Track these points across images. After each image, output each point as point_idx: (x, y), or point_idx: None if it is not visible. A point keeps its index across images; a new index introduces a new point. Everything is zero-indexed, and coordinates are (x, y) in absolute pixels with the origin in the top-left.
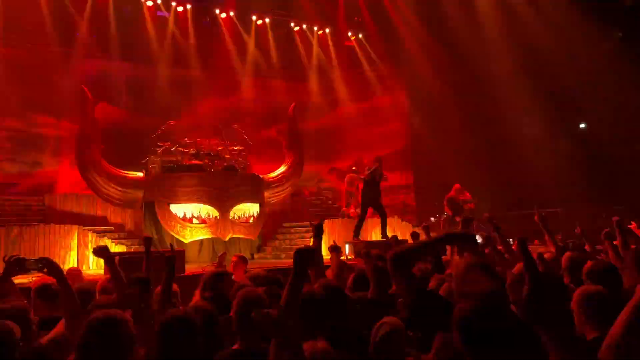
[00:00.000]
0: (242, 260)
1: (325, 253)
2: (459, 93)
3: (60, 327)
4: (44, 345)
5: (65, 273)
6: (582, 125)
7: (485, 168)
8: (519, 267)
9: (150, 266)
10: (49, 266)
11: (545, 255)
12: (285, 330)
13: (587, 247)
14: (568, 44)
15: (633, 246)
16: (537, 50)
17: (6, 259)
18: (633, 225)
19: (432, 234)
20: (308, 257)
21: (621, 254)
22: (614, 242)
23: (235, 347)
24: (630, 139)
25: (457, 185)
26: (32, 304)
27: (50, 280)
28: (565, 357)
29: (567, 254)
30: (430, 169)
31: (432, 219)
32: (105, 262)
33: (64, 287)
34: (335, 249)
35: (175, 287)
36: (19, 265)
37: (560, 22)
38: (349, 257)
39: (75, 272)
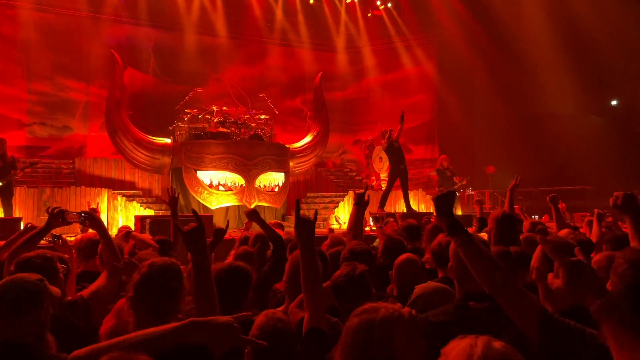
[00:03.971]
0: (279, 226)
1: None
2: (490, 66)
3: (101, 280)
4: (86, 297)
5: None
6: (613, 102)
7: (515, 143)
8: None
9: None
10: (92, 219)
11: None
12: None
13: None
14: (605, 18)
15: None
16: (572, 24)
17: (49, 210)
18: None
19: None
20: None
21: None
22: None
23: None
24: None
25: (444, 156)
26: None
27: (93, 235)
28: None
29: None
30: (457, 143)
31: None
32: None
33: (106, 241)
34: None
35: None
36: (61, 216)
37: None
38: (372, 228)
39: (127, 229)
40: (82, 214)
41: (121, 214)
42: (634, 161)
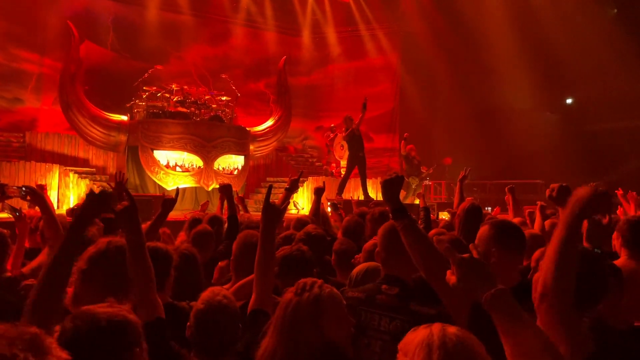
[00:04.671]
0: (241, 200)
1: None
2: (451, 59)
3: (43, 256)
4: (26, 273)
5: None
6: (568, 101)
7: (472, 136)
8: None
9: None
10: (33, 194)
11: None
12: None
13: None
14: (564, 18)
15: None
16: (532, 23)
17: None
18: (620, 192)
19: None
20: (278, 214)
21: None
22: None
23: None
24: (615, 116)
25: (412, 146)
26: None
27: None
28: None
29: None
30: (417, 134)
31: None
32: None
33: (48, 217)
34: (318, 191)
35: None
36: (1, 190)
37: None
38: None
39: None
40: (24, 189)
41: (73, 192)
42: (585, 158)
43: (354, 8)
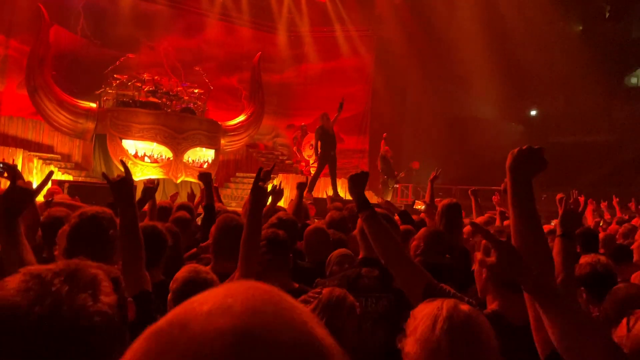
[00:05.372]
0: (216, 191)
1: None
2: (424, 66)
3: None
4: None
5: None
6: (532, 112)
7: (439, 142)
8: None
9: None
10: (9, 170)
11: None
12: None
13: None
14: (532, 32)
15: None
16: (502, 37)
17: None
18: (582, 199)
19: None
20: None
21: None
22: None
23: None
24: (576, 130)
25: (387, 148)
26: None
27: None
28: None
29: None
30: (386, 136)
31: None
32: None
33: None
34: (300, 186)
35: None
36: None
37: (530, 13)
38: None
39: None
40: (1, 165)
41: (36, 178)
42: (547, 169)
43: (330, 8)
